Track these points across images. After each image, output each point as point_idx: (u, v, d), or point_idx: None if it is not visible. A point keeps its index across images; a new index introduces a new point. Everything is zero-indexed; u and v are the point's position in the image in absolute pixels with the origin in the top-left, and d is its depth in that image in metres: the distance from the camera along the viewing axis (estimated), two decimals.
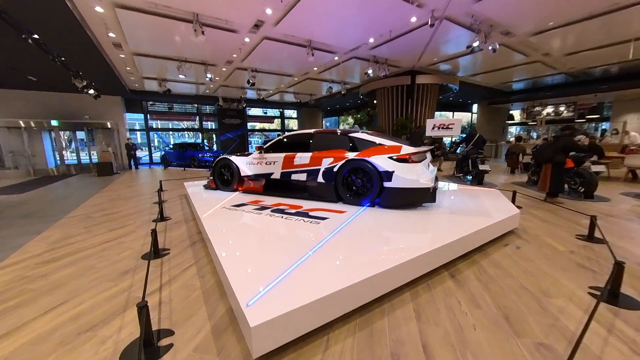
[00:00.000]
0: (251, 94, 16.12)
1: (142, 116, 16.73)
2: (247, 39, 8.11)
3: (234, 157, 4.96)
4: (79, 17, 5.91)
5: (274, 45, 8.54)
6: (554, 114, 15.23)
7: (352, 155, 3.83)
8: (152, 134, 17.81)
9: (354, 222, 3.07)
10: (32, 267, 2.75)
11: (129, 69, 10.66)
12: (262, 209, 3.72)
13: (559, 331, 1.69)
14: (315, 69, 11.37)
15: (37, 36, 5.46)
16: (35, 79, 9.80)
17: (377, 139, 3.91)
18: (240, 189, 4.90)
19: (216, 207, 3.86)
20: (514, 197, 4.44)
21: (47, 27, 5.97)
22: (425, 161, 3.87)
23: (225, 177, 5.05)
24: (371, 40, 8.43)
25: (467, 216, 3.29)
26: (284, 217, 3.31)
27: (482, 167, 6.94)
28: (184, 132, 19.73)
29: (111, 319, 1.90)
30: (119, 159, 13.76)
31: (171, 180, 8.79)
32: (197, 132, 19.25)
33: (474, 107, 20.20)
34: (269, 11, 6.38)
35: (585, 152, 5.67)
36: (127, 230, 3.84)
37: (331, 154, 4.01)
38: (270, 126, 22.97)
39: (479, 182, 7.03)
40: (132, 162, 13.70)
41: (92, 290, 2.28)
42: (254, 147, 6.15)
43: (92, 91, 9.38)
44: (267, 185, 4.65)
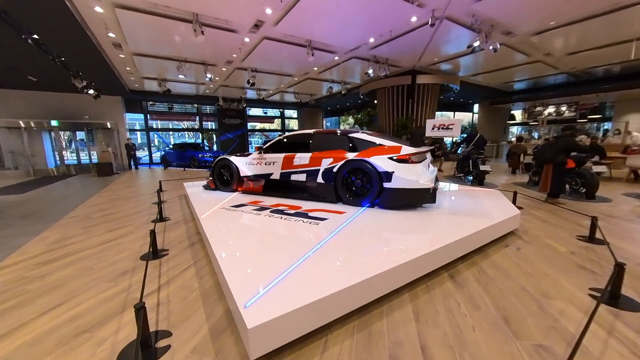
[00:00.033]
0: (251, 94, 16.10)
1: (142, 116, 16.72)
2: (247, 39, 8.10)
3: (233, 158, 4.95)
4: (78, 18, 5.91)
5: (273, 45, 8.53)
6: (555, 114, 15.19)
7: (351, 155, 3.82)
8: (152, 134, 17.80)
9: (353, 223, 3.06)
10: (30, 267, 2.75)
11: (128, 69, 10.66)
12: (262, 209, 3.71)
13: (558, 333, 1.68)
14: (315, 69, 11.35)
15: (36, 36, 5.46)
16: (35, 79, 9.80)
17: (377, 140, 3.90)
18: (239, 189, 4.89)
19: (215, 208, 3.85)
20: (515, 198, 4.43)
21: (46, 27, 5.97)
22: (425, 162, 3.86)
23: (224, 178, 5.04)
24: (371, 40, 8.40)
25: (467, 217, 3.28)
26: (283, 218, 3.30)
27: (482, 167, 6.92)
28: (184, 132, 19.70)
29: (109, 320, 1.89)
30: (118, 159, 13.75)
31: (171, 180, 8.78)
32: (197, 132, 19.22)
33: (475, 107, 20.12)
34: (268, 11, 6.37)
35: (586, 153, 5.65)
36: (126, 230, 3.84)
37: (331, 155, 4.00)
38: (270, 126, 22.89)
39: (480, 183, 7.00)
40: (132, 162, 13.70)
41: (90, 291, 2.27)
42: (254, 147, 6.13)
43: (92, 91, 9.38)
44: (267, 185, 4.64)
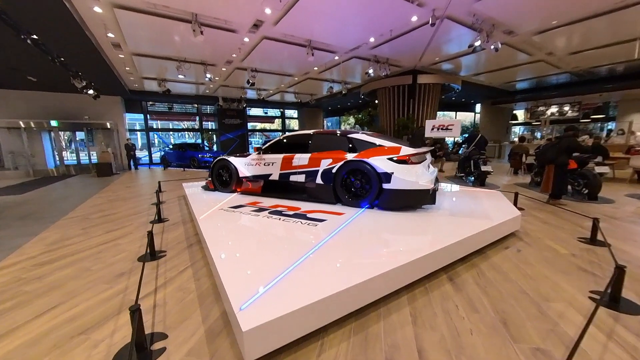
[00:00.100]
0: (251, 94, 16.08)
1: (142, 116, 16.72)
2: (246, 39, 8.09)
3: (232, 158, 4.93)
4: (77, 18, 5.91)
5: (273, 45, 8.51)
6: (558, 114, 15.08)
7: (351, 156, 3.80)
8: (152, 134, 17.80)
9: (352, 224, 3.04)
10: (28, 268, 2.74)
11: (128, 69, 10.66)
12: (260, 210, 3.70)
13: (557, 336, 1.67)
14: (315, 68, 11.33)
15: (36, 36, 5.46)
16: (35, 79, 9.82)
17: (377, 140, 3.88)
18: (238, 190, 4.88)
19: (214, 209, 3.84)
20: (516, 199, 4.40)
21: (46, 27, 5.97)
22: (425, 162, 3.84)
23: (223, 178, 5.03)
24: (372, 39, 8.37)
25: (467, 218, 3.26)
26: (281, 219, 3.29)
27: (484, 168, 6.88)
28: (184, 133, 19.69)
29: (105, 322, 1.89)
30: (118, 159, 13.75)
31: (170, 181, 8.78)
32: (197, 132, 19.20)
33: (477, 106, 19.97)
34: (268, 11, 6.35)
35: (588, 153, 5.60)
36: (125, 231, 3.83)
37: (330, 155, 3.98)
38: (271, 126, 22.84)
39: (481, 183, 6.97)
40: (132, 163, 13.71)
41: (87, 292, 2.27)
42: (253, 147, 6.11)
43: (91, 91, 9.39)
44: (266, 186, 4.62)
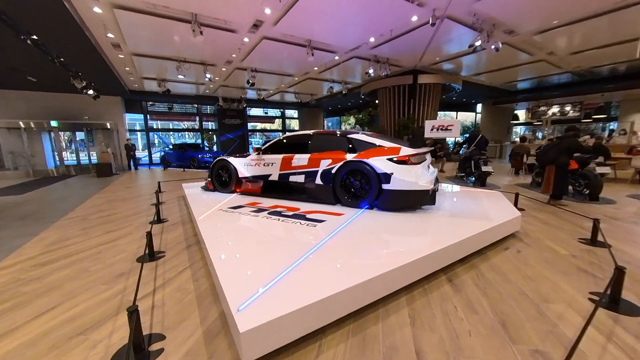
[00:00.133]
0: (251, 94, 16.08)
1: (142, 116, 16.71)
2: (246, 39, 8.09)
3: (231, 159, 4.93)
4: (77, 18, 5.91)
5: (273, 45, 8.51)
6: (559, 114, 15.03)
7: (350, 156, 3.80)
8: (152, 134, 17.79)
9: (351, 225, 3.04)
10: (27, 269, 2.74)
11: (128, 69, 10.66)
12: (259, 211, 3.70)
13: (556, 338, 1.66)
14: (315, 68, 11.32)
15: (35, 37, 5.46)
16: (34, 80, 9.82)
17: (377, 141, 3.87)
18: (238, 190, 4.88)
19: (213, 209, 3.84)
20: (517, 200, 4.39)
21: (45, 27, 5.97)
22: (424, 163, 3.83)
23: (223, 179, 5.02)
24: (372, 39, 8.36)
25: (467, 219, 3.25)
26: (280, 220, 3.28)
27: (484, 168, 6.86)
28: (184, 133, 19.68)
29: (103, 322, 1.89)
30: (118, 159, 13.73)
31: (170, 181, 8.76)
32: (197, 132, 19.19)
33: (478, 106, 19.89)
34: (267, 11, 6.35)
35: (589, 153, 5.57)
36: (124, 232, 3.83)
37: (329, 156, 3.98)
38: (271, 126, 22.81)
39: (482, 184, 6.95)
40: (132, 163, 13.70)
41: (86, 293, 2.26)
42: (252, 148, 6.09)
43: (91, 91, 9.38)
44: (265, 187, 4.62)
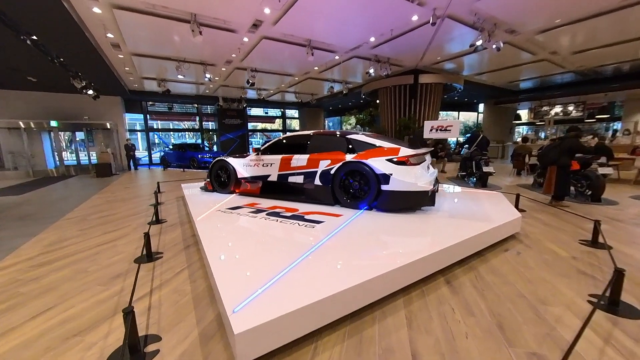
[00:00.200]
0: (252, 94, 16.05)
1: (142, 116, 16.70)
2: (245, 39, 8.07)
3: (231, 159, 4.92)
4: (76, 18, 5.91)
5: (273, 44, 8.49)
6: (562, 114, 14.90)
7: (349, 157, 3.78)
8: (152, 134, 17.77)
9: (350, 226, 3.03)
10: (25, 270, 2.74)
11: (127, 69, 10.66)
12: (258, 212, 3.69)
13: (553, 341, 1.64)
14: (316, 68, 11.30)
15: (35, 37, 5.46)
16: (34, 80, 9.84)
17: (376, 141, 3.85)
18: (237, 191, 4.87)
19: (211, 210, 3.83)
20: (518, 200, 4.36)
21: (45, 28, 5.98)
22: (424, 163, 3.81)
23: (222, 179, 5.02)
24: (372, 39, 8.33)
25: (466, 220, 3.23)
26: (278, 221, 3.27)
27: (486, 169, 6.82)
28: (184, 133, 19.66)
29: (99, 324, 1.88)
30: (117, 159, 13.72)
31: (170, 181, 8.75)
32: (197, 132, 19.16)
33: (481, 106, 19.74)
34: (267, 11, 6.33)
35: (591, 154, 5.52)
36: (122, 233, 3.83)
37: (328, 156, 3.96)
38: (271, 126, 22.77)
39: (483, 185, 6.91)
40: (132, 163, 13.69)
41: (83, 294, 2.26)
42: (252, 148, 6.08)
43: (91, 91, 9.39)
44: (264, 187, 4.61)
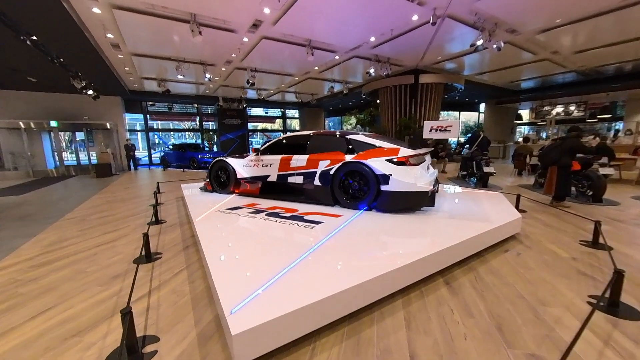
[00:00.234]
0: (252, 94, 16.04)
1: (142, 117, 16.68)
2: (245, 39, 8.07)
3: (230, 159, 4.91)
4: (76, 19, 5.92)
5: (273, 44, 8.48)
6: (564, 114, 14.81)
7: (349, 157, 3.78)
8: (152, 134, 17.75)
9: (349, 227, 3.02)
10: (24, 270, 2.74)
11: (127, 69, 10.66)
12: (257, 212, 3.68)
13: (552, 342, 1.64)
14: (316, 68, 11.28)
15: (35, 37, 5.47)
16: (34, 80, 9.84)
17: (376, 141, 3.85)
18: (236, 191, 4.87)
19: (211, 210, 3.83)
20: (518, 201, 4.35)
21: (45, 28, 5.98)
22: (424, 164, 3.80)
23: (221, 180, 5.01)
24: (372, 39, 8.31)
25: (466, 221, 3.22)
26: (278, 221, 3.27)
27: (486, 169, 6.80)
28: (185, 133, 19.64)
29: (98, 324, 1.88)
30: (117, 160, 13.70)
31: (169, 182, 8.74)
32: (197, 132, 19.12)
33: (482, 106, 19.64)
34: (266, 10, 6.33)
35: (592, 154, 5.49)
36: (121, 233, 3.83)
37: (328, 157, 3.96)
38: (272, 126, 22.73)
39: (484, 185, 6.89)
40: (131, 163, 13.69)
41: (82, 294, 2.26)
42: (251, 149, 6.07)
43: (91, 92, 9.40)
44: (264, 188, 4.60)
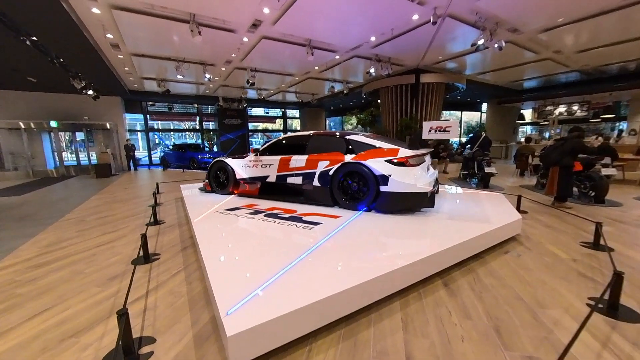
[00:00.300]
0: (252, 94, 16.01)
1: (142, 117, 16.67)
2: (245, 39, 8.05)
3: (229, 160, 4.90)
4: (75, 19, 5.92)
5: (273, 44, 8.46)
6: (566, 114, 14.65)
7: (348, 158, 3.77)
8: (152, 134, 17.74)
9: (348, 228, 3.01)
10: (22, 271, 2.74)
11: (127, 69, 10.65)
12: (256, 213, 3.67)
13: (550, 344, 1.62)
14: (316, 68, 11.25)
15: (35, 38, 5.47)
16: (34, 80, 9.86)
17: (375, 142, 3.84)
18: (236, 192, 4.86)
19: (210, 211, 3.82)
20: (519, 202, 4.32)
21: (44, 28, 5.99)
22: (424, 164, 3.78)
23: (220, 180, 5.00)
24: (372, 38, 8.27)
25: (466, 222, 3.21)
26: (276, 222, 3.26)
27: (487, 169, 6.75)
28: (185, 133, 19.62)
29: (95, 325, 1.88)
30: (117, 160, 13.69)
31: (169, 182, 8.72)
32: (198, 132, 19.10)
33: (484, 106, 19.48)
34: (266, 10, 6.31)
35: (595, 154, 5.45)
36: (120, 234, 3.82)
37: (327, 157, 3.95)
38: (272, 126, 22.69)
39: (485, 185, 6.85)
40: (131, 164, 13.69)
41: (79, 295, 2.26)
42: (250, 149, 6.06)
43: (91, 92, 9.40)
44: (263, 188, 4.59)
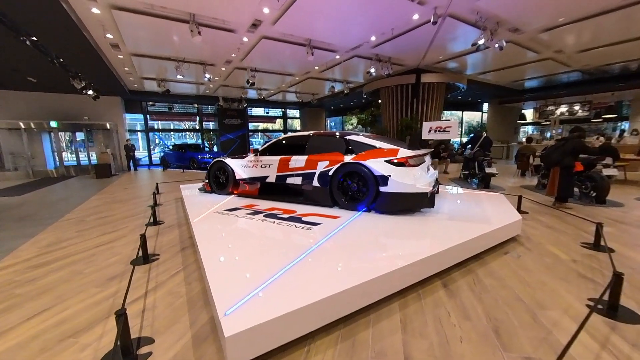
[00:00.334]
0: (252, 94, 15.99)
1: (142, 117, 16.66)
2: (245, 39, 8.05)
3: (229, 160, 4.90)
4: (75, 19, 5.92)
5: (273, 44, 8.45)
6: (568, 114, 14.59)
7: (348, 158, 3.76)
8: (152, 134, 17.73)
9: (347, 228, 3.01)
10: (21, 271, 2.74)
11: (127, 69, 10.66)
12: (255, 213, 3.67)
13: (549, 345, 1.62)
14: (316, 68, 11.23)
15: (35, 38, 5.47)
16: (34, 80, 9.87)
17: (375, 142, 3.83)
18: (235, 192, 4.86)
19: (209, 211, 3.82)
20: (520, 202, 4.31)
21: (44, 28, 6.00)
22: (423, 165, 3.77)
23: (220, 180, 5.00)
24: (373, 38, 8.25)
25: (465, 222, 3.20)
26: (275, 223, 3.26)
27: (488, 169, 6.73)
28: (185, 133, 19.60)
29: (94, 325, 1.88)
30: (117, 160, 13.68)
31: (169, 182, 8.72)
32: (198, 132, 19.07)
33: (485, 106, 19.39)
34: (266, 10, 6.30)
35: (596, 155, 5.43)
36: (119, 234, 3.82)
37: (327, 157, 3.94)
38: (272, 126, 22.67)
39: (486, 186, 6.83)
40: (131, 164, 13.68)
41: (78, 296, 2.26)
42: (250, 149, 6.05)
43: (91, 92, 9.39)
44: (262, 188, 4.59)
